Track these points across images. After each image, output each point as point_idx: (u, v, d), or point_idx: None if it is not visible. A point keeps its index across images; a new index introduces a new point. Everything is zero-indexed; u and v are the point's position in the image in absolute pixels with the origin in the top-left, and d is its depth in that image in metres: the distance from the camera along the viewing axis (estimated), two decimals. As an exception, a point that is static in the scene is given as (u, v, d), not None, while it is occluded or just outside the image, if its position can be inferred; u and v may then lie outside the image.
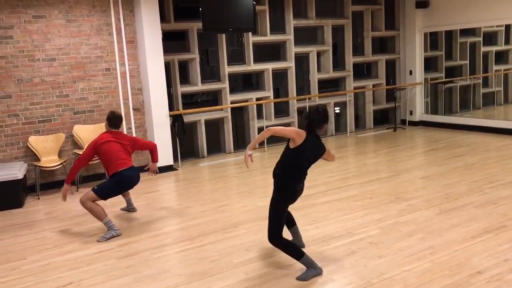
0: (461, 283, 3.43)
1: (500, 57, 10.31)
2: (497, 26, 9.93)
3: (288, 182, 3.71)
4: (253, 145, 3.95)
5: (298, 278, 3.62)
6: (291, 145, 3.66)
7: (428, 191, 5.68)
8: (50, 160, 6.57)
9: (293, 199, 3.80)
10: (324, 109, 3.75)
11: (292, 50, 9.08)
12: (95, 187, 4.83)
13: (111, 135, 5.02)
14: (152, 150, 5.35)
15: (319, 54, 9.58)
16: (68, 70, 6.84)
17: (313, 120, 3.68)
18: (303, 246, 4.10)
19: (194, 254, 4.22)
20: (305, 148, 3.64)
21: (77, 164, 5.02)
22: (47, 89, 6.72)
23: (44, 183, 6.72)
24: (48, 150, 6.65)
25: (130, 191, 5.61)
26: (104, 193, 4.83)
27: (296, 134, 3.65)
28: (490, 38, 10.29)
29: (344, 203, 5.40)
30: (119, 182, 4.91)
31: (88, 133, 6.93)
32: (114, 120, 5.06)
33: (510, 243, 4.07)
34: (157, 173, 5.44)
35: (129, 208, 5.59)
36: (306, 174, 3.78)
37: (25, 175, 6.34)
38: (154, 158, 5.36)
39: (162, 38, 7.31)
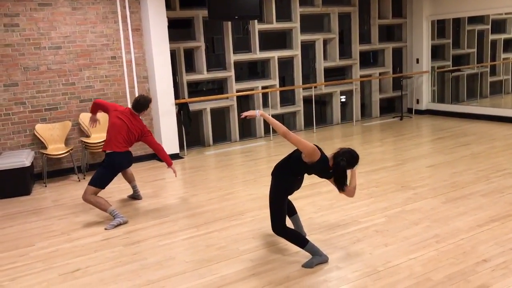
0: (466, 271, 3.43)
1: (509, 45, 10.21)
2: (505, 14, 9.82)
3: (287, 175, 3.71)
4: (265, 115, 3.73)
5: (304, 265, 3.64)
6: (302, 155, 3.59)
7: (435, 179, 5.67)
8: (56, 148, 6.61)
9: (290, 190, 3.79)
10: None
11: (298, 38, 9.03)
12: (90, 181, 4.86)
13: (129, 114, 5.07)
14: (158, 152, 5.25)
15: (325, 42, 9.52)
16: (74, 58, 6.84)
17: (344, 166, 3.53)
18: (305, 235, 4.11)
19: (200, 242, 4.25)
20: (310, 167, 3.61)
21: (97, 100, 5.28)
22: (53, 77, 6.74)
23: (51, 171, 6.77)
24: (54, 138, 6.68)
25: (136, 178, 5.64)
26: (100, 182, 4.85)
27: (309, 153, 3.51)
28: (498, 25, 10.18)
29: (350, 191, 5.39)
30: (109, 167, 4.93)
31: (94, 121, 6.95)
32: (135, 103, 5.10)
33: (516, 231, 4.07)
34: (175, 175, 5.43)
35: (135, 196, 5.63)
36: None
37: (32, 163, 6.38)
38: (167, 163, 5.28)
39: (168, 26, 7.29)
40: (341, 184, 3.59)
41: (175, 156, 7.54)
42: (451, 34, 10.35)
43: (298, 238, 3.72)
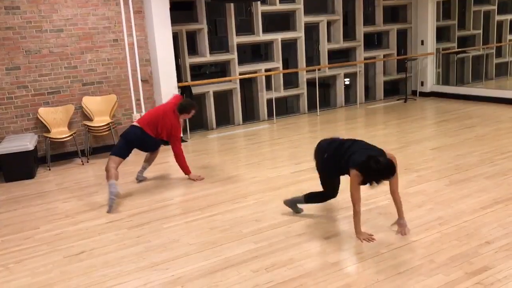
0: (469, 253, 3.43)
1: (515, 26, 10.09)
2: (512, -6, 9.68)
3: (333, 170, 3.86)
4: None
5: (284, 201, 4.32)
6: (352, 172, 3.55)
7: (438, 162, 5.65)
8: (60, 132, 6.61)
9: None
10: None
11: (302, 19, 8.93)
12: (111, 151, 5.12)
13: (170, 109, 5.27)
14: (176, 158, 5.43)
15: (329, 24, 9.42)
16: (76, 41, 6.80)
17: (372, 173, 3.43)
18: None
19: (204, 224, 4.27)
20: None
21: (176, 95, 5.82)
22: (56, 60, 6.71)
23: (55, 154, 6.79)
24: (58, 122, 6.68)
25: (139, 161, 5.69)
26: (118, 152, 5.07)
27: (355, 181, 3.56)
28: (505, 6, 10.04)
29: (353, 174, 5.39)
30: (122, 136, 5.18)
31: (97, 104, 6.95)
32: (179, 104, 5.34)
33: (520, 214, 4.06)
34: (200, 179, 5.54)
35: (139, 176, 5.66)
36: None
37: (35, 147, 6.39)
38: (184, 172, 5.51)
39: (170, 8, 7.22)
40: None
41: (178, 140, 7.53)
42: (457, 15, 10.23)
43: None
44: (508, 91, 9.12)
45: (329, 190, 4.00)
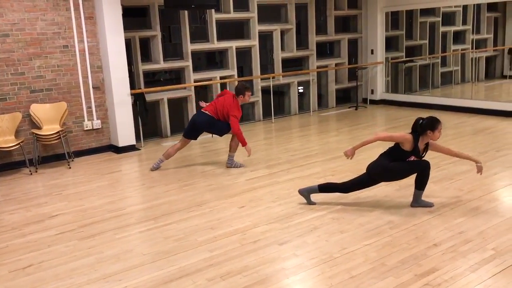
0: (418, 255, 3.56)
1: (458, 37, 10.60)
2: (455, 7, 10.17)
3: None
4: (356, 147, 4.62)
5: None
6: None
7: (388, 168, 5.81)
8: (6, 141, 6.34)
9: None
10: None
11: (256, 28, 9.02)
12: None
13: (225, 95, 6.11)
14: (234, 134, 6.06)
15: (282, 33, 9.55)
16: (23, 47, 6.56)
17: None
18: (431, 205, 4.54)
19: (158, 234, 4.21)
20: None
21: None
22: (1, 66, 6.44)
23: (1, 164, 6.50)
24: (4, 130, 6.41)
25: (92, 170, 5.54)
26: (185, 132, 6.14)
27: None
28: (448, 18, 10.53)
29: (307, 180, 5.48)
30: (190, 121, 6.19)
31: (46, 112, 6.72)
32: (235, 88, 6.13)
33: (465, 216, 4.25)
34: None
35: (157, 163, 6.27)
36: None
37: (-21, 156, 6.11)
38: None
39: (122, 14, 7.11)
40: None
41: (131, 148, 7.40)
42: (404, 25, 10.63)
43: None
44: (453, 99, 9.56)
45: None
